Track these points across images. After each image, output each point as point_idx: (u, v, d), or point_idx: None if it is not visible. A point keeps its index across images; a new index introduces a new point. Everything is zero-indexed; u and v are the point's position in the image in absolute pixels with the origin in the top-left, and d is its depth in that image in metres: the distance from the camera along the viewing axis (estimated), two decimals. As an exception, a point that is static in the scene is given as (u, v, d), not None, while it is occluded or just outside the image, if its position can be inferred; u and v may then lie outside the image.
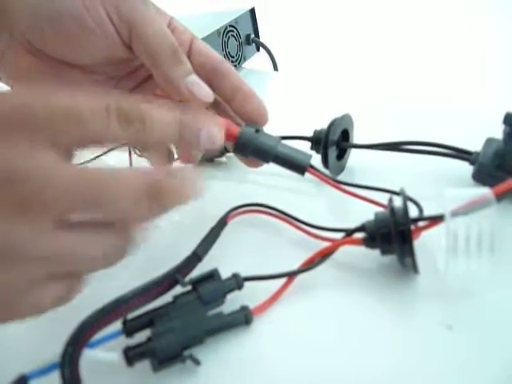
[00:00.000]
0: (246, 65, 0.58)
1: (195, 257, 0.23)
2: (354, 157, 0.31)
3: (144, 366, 0.18)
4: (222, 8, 0.65)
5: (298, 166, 0.24)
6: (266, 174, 0.26)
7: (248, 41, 0.57)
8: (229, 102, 0.25)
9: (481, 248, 0.18)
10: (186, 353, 0.18)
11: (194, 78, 0.22)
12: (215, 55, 0.26)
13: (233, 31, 0.53)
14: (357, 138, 0.31)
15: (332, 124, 0.29)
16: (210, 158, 0.34)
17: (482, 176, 0.25)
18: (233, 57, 0.54)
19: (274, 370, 0.18)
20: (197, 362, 0.18)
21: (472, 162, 0.25)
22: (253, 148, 0.23)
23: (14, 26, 0.21)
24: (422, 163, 0.27)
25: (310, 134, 0.30)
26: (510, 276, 0.20)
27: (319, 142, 0.29)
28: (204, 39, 0.47)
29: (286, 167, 0.24)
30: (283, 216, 0.25)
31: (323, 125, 0.29)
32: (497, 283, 0.20)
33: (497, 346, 0.18)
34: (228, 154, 0.33)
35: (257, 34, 0.58)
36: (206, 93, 0.23)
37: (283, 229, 0.25)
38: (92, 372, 0.17)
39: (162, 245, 0.26)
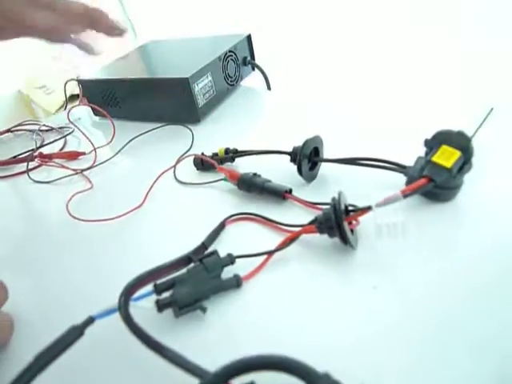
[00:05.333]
0: (243, 83, 0.66)
1: (203, 246, 0.32)
2: (324, 168, 0.40)
3: (168, 314, 0.27)
4: (219, 28, 0.74)
5: (277, 193, 0.36)
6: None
7: (245, 62, 0.65)
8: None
9: (396, 229, 0.27)
10: (197, 304, 0.27)
11: None
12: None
13: (232, 55, 0.62)
14: (327, 153, 0.40)
15: (305, 143, 0.37)
16: (212, 166, 0.43)
17: (411, 184, 0.33)
18: (231, 77, 0.63)
19: (257, 318, 0.27)
20: (203, 310, 0.27)
21: (406, 174, 0.34)
22: (248, 184, 0.37)
23: None
24: (370, 173, 0.36)
25: (290, 148, 0.39)
26: (419, 249, 0.29)
27: (295, 156, 0.38)
28: (208, 65, 0.56)
29: (270, 194, 0.36)
30: (264, 220, 0.35)
31: (301, 142, 0.38)
32: (410, 255, 0.29)
33: (410, 302, 0.26)
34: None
35: (252, 57, 0.67)
36: None
37: (264, 226, 0.34)
38: (136, 316, 0.26)
39: (180, 238, 0.35)
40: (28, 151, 0.58)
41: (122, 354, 0.26)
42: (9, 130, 0.67)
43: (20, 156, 0.57)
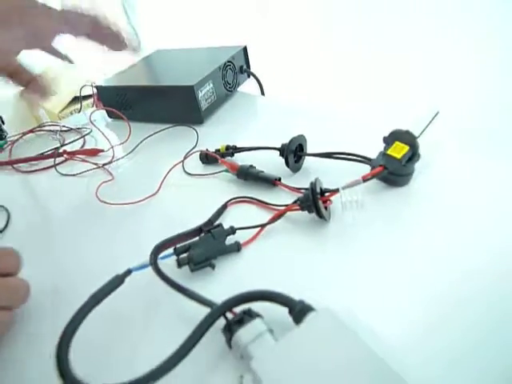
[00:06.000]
0: (239, 89, 0.75)
1: (210, 221, 0.41)
2: (307, 161, 0.49)
3: (185, 270, 0.36)
4: (216, 39, 0.82)
5: (269, 181, 0.45)
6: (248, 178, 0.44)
7: (241, 70, 0.74)
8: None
9: (358, 205, 0.36)
10: (208, 261, 0.36)
11: None
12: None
13: (230, 65, 0.70)
14: (309, 149, 0.49)
15: (291, 140, 0.46)
16: (215, 159, 0.51)
17: (373, 172, 0.42)
18: (229, 84, 0.71)
19: (253, 273, 0.36)
20: (213, 266, 0.36)
21: (370, 165, 0.43)
22: (245, 174, 0.45)
23: None
24: (343, 165, 0.45)
25: (280, 145, 0.48)
26: (376, 220, 0.38)
27: (283, 151, 0.47)
28: (210, 74, 0.64)
29: (263, 182, 0.45)
30: (258, 202, 0.43)
31: (288, 140, 0.47)
32: (368, 225, 0.37)
33: (366, 258, 0.35)
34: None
35: (248, 66, 0.76)
36: None
37: (258, 207, 0.43)
38: (163, 268, 0.34)
39: (191, 216, 0.44)
40: (52, 149, 0.66)
41: (152, 296, 0.35)
42: (31, 131, 0.75)
43: (46, 153, 0.65)
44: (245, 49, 0.74)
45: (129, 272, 0.34)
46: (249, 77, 0.76)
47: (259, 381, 0.25)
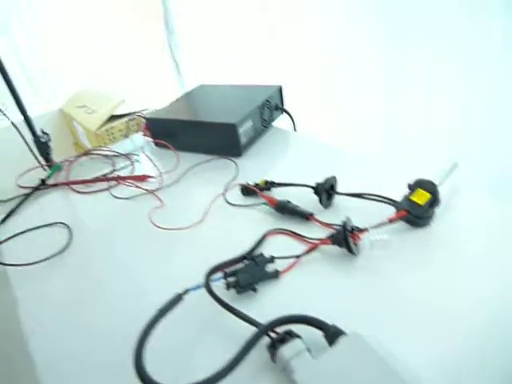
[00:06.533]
0: (274, 123, 0.82)
1: (252, 250, 0.47)
2: (338, 199, 0.55)
3: (232, 292, 0.42)
4: (252, 74, 0.90)
5: (303, 215, 0.50)
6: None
7: (276, 108, 0.81)
8: None
9: (383, 243, 0.41)
10: (251, 286, 0.42)
11: None
12: None
13: (267, 104, 0.78)
14: (340, 188, 0.55)
15: (325, 181, 0.52)
16: (255, 192, 0.58)
17: (398, 214, 0.48)
18: (266, 120, 0.79)
19: (289, 297, 0.41)
20: (255, 290, 0.42)
21: (395, 207, 0.48)
22: (283, 208, 0.51)
23: None
24: (371, 205, 0.51)
25: (311, 181, 0.54)
26: (399, 257, 0.43)
27: (317, 189, 0.53)
28: (250, 112, 0.71)
29: (298, 216, 0.51)
30: (294, 234, 0.49)
31: (321, 178, 0.53)
32: (392, 261, 0.43)
33: (389, 291, 0.40)
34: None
35: (282, 103, 0.83)
36: None
37: (294, 239, 0.49)
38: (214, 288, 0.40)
39: (233, 243, 0.50)
40: (106, 173, 0.74)
41: (202, 312, 0.41)
42: (85, 154, 0.84)
43: (101, 176, 0.73)
44: (280, 88, 0.81)
45: (186, 291, 0.40)
46: (282, 113, 0.84)
47: (299, 390, 0.30)
